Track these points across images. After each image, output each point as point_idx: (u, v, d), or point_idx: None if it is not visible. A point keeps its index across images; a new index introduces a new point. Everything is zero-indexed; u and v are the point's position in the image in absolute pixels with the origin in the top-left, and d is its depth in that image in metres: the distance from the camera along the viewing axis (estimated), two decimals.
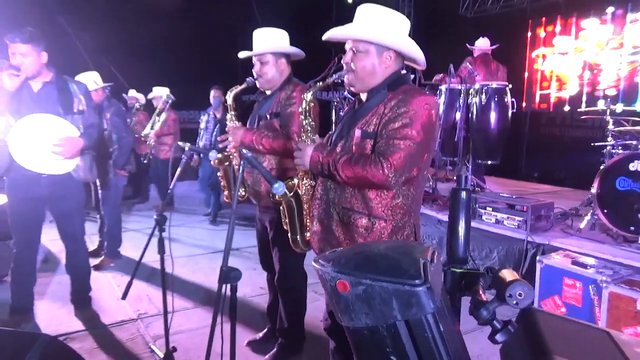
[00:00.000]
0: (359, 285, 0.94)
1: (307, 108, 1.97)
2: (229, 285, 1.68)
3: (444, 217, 4.41)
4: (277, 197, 2.01)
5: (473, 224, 4.17)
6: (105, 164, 4.15)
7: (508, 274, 0.92)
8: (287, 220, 2.17)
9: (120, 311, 3.39)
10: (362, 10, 1.82)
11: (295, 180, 2.12)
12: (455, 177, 5.09)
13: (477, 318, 0.92)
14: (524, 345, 1.04)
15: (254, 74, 2.64)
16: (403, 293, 0.89)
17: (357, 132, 1.79)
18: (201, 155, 5.45)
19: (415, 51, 1.84)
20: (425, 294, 0.87)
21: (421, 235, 1.98)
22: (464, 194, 0.96)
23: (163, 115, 5.92)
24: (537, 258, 3.41)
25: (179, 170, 2.56)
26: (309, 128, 1.96)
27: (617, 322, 2.85)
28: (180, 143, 2.61)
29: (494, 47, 5.44)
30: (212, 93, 5.88)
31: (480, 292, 0.92)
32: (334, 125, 1.77)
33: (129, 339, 3.05)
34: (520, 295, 0.90)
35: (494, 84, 4.67)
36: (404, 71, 1.91)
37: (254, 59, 2.64)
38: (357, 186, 1.78)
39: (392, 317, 0.90)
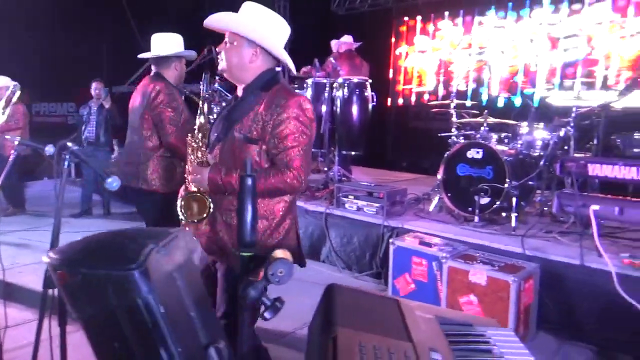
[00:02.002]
0: (76, 275, 0.97)
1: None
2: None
3: (311, 207, 4.56)
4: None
5: (337, 212, 4.38)
6: None
7: (279, 253, 0.99)
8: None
9: None
10: (245, 6, 1.90)
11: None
12: (325, 168, 5.29)
13: (245, 297, 0.97)
14: (318, 319, 1.12)
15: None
16: (117, 278, 0.92)
17: (238, 136, 1.84)
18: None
19: (282, 54, 1.91)
20: (140, 277, 0.91)
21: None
22: (249, 180, 1.00)
23: (9, 109, 5.33)
24: (390, 240, 3.67)
25: (7, 167, 2.34)
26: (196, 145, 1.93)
27: (455, 292, 3.19)
28: (7, 137, 2.39)
29: (357, 44, 5.72)
30: (94, 85, 5.87)
31: (261, 274, 0.97)
32: (201, 117, 1.77)
33: None
34: (281, 272, 0.97)
35: (355, 79, 4.92)
36: (278, 68, 1.99)
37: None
38: (266, 197, 1.85)
39: (110, 305, 0.92)
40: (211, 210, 1.88)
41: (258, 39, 1.86)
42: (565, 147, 3.97)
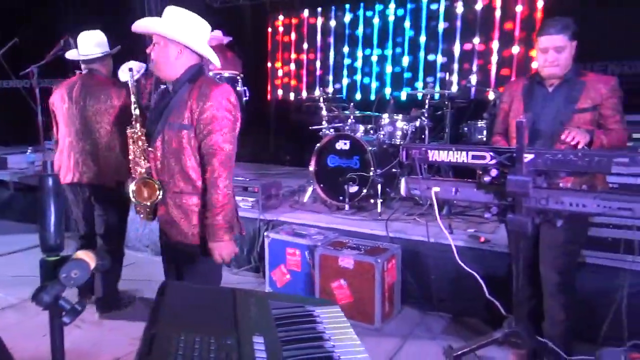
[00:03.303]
0: None
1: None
2: None
3: None
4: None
5: None
6: None
7: (81, 254, 0.97)
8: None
9: None
10: (168, 10, 2.14)
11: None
12: None
13: (39, 303, 0.94)
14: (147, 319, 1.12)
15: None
16: None
17: (174, 125, 2.08)
18: None
19: (204, 50, 2.15)
20: None
21: None
22: (50, 180, 0.96)
23: None
24: (265, 233, 3.73)
25: None
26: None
27: (327, 278, 3.34)
28: None
29: (228, 38, 5.67)
30: None
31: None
32: (136, 110, 1.96)
33: None
34: (75, 274, 0.95)
35: (226, 73, 4.88)
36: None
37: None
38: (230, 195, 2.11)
39: None
40: (160, 194, 2.13)
41: (181, 38, 2.09)
42: (423, 136, 4.33)
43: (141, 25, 2.13)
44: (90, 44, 3.22)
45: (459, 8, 6.06)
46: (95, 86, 3.18)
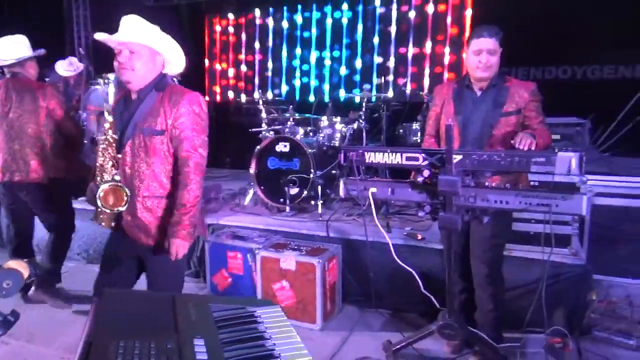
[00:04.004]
0: None
1: None
2: None
3: None
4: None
5: None
6: None
7: (11, 264, 0.94)
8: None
9: None
10: (135, 19, 2.13)
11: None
12: None
13: None
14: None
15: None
16: None
17: (146, 131, 2.12)
18: None
19: (181, 59, 2.22)
20: None
21: None
22: None
23: None
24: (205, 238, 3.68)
25: None
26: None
27: (269, 280, 3.35)
28: None
29: None
30: None
31: None
32: (110, 116, 2.13)
33: None
34: (7, 284, 0.93)
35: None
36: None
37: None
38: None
39: None
40: (127, 202, 2.11)
41: (160, 48, 2.16)
42: (361, 138, 4.45)
43: (122, 37, 2.10)
44: (11, 48, 3.28)
45: (394, 13, 6.28)
46: (20, 89, 3.28)
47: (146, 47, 2.12)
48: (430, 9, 6.16)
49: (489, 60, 2.51)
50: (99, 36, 2.14)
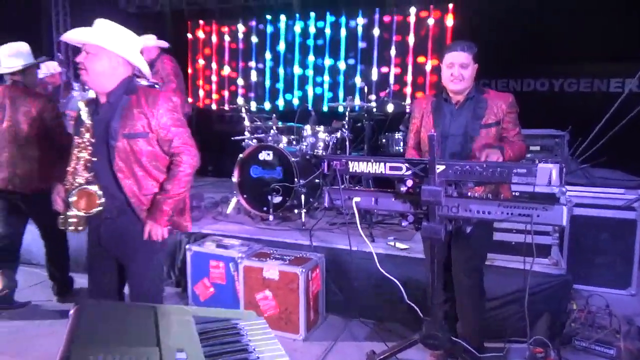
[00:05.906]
0: None
1: None
2: None
3: None
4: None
5: None
6: None
7: None
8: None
9: None
10: (99, 22, 2.19)
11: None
12: None
13: None
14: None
15: None
16: None
17: (127, 134, 2.15)
18: None
19: (142, 64, 2.25)
20: None
21: None
22: None
23: None
24: (187, 246, 3.63)
25: None
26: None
27: (251, 290, 3.31)
28: None
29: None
30: None
31: None
32: (87, 118, 2.17)
33: None
34: None
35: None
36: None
37: None
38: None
39: None
40: (100, 206, 2.14)
41: (119, 50, 2.15)
42: (344, 147, 4.45)
43: (77, 36, 2.15)
44: (13, 56, 3.32)
45: (376, 30, 6.40)
46: (15, 97, 3.29)
47: (102, 48, 2.13)
48: (412, 20, 6.25)
49: (461, 73, 2.55)
50: (64, 37, 2.18)
